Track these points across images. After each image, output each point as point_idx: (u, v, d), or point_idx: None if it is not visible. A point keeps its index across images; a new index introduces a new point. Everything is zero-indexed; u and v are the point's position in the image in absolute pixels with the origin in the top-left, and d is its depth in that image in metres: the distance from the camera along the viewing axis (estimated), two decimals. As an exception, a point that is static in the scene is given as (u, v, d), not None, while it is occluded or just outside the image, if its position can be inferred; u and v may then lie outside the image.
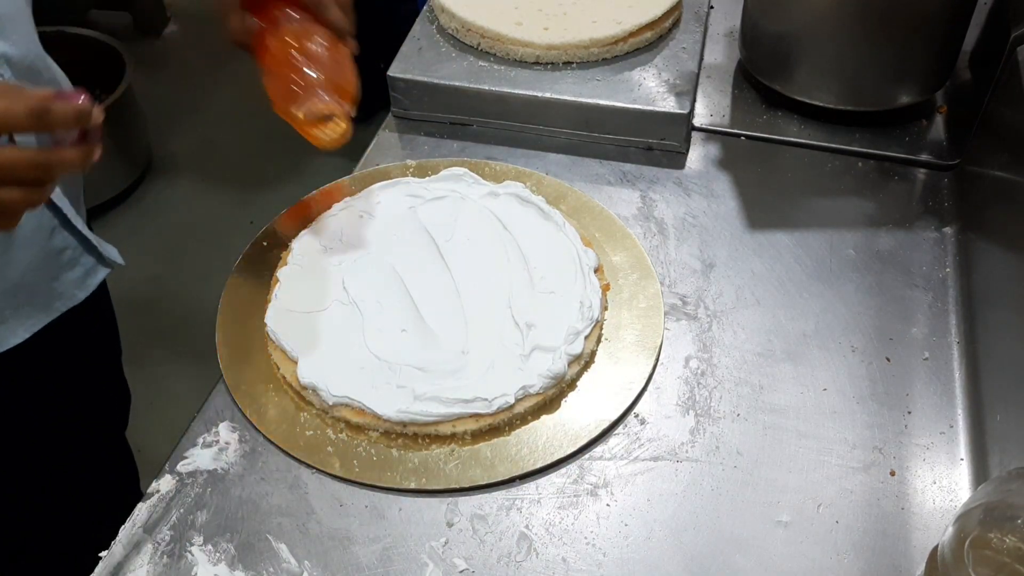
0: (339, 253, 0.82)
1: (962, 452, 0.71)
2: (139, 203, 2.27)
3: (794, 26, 0.95)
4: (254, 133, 2.47)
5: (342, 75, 0.76)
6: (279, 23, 0.76)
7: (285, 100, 0.76)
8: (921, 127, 0.99)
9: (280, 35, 0.76)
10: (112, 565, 0.64)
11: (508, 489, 0.69)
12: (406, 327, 0.76)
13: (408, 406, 0.70)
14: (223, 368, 0.76)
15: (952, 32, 0.94)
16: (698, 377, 0.76)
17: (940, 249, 0.86)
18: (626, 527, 0.67)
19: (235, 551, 0.65)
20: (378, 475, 0.69)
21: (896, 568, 0.64)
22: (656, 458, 0.70)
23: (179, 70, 2.70)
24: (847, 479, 0.69)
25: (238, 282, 0.82)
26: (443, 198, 0.87)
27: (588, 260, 0.81)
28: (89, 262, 0.87)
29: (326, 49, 0.76)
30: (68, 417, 0.96)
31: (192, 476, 0.69)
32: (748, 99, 1.03)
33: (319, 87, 0.75)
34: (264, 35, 0.77)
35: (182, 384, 1.78)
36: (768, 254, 0.86)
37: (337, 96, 0.75)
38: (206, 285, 1.18)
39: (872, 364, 0.77)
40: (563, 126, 0.98)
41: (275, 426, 0.72)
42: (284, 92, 0.76)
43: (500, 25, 0.99)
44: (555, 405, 0.73)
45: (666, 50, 1.02)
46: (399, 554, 0.65)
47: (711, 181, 0.94)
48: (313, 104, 0.75)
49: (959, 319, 0.80)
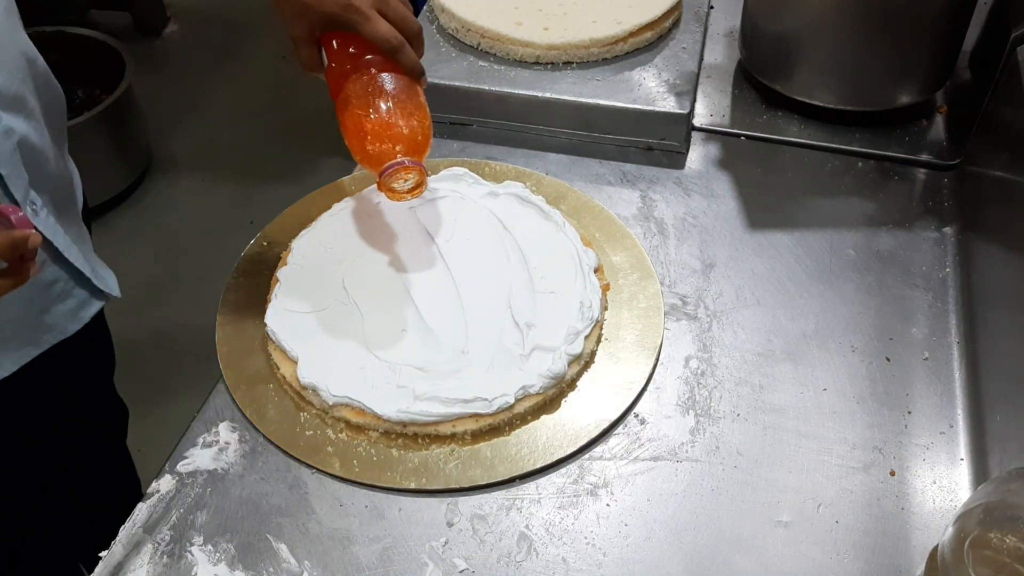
0: (339, 253, 0.82)
1: (962, 452, 0.71)
2: (139, 203, 2.27)
3: (794, 26, 0.95)
4: (254, 133, 2.47)
5: (417, 126, 0.74)
6: (352, 64, 0.74)
7: (362, 152, 0.74)
8: (921, 127, 0.99)
9: (355, 82, 0.74)
10: (112, 565, 0.64)
11: (508, 489, 0.69)
12: (406, 327, 0.76)
13: (408, 406, 0.70)
14: (223, 368, 0.76)
15: (952, 32, 0.94)
16: (698, 377, 0.76)
17: (940, 249, 0.86)
18: (626, 527, 0.67)
19: (235, 551, 0.65)
20: (378, 475, 0.69)
21: (896, 568, 0.64)
22: (656, 458, 0.70)
23: (179, 70, 2.70)
24: (847, 479, 0.69)
25: (238, 282, 0.82)
26: (443, 198, 0.87)
27: (588, 260, 0.81)
28: (82, 295, 0.85)
29: (400, 95, 0.74)
30: (65, 436, 0.96)
31: (192, 476, 0.69)
32: (748, 99, 1.03)
33: (395, 143, 0.73)
34: (338, 73, 0.75)
35: (182, 384, 1.78)
36: (768, 254, 0.86)
37: (412, 150, 0.73)
38: (206, 285, 1.18)
39: (872, 364, 0.77)
40: (563, 126, 0.98)
41: (275, 426, 0.72)
42: (360, 144, 0.74)
43: (500, 25, 1.00)
44: (555, 405, 0.73)
45: (666, 50, 1.02)
46: (399, 554, 0.65)
47: (711, 181, 0.94)
48: (392, 175, 0.73)
49: (959, 319, 0.80)
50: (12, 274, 0.61)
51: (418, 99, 0.75)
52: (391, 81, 0.74)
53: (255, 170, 2.35)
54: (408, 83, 0.75)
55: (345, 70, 0.75)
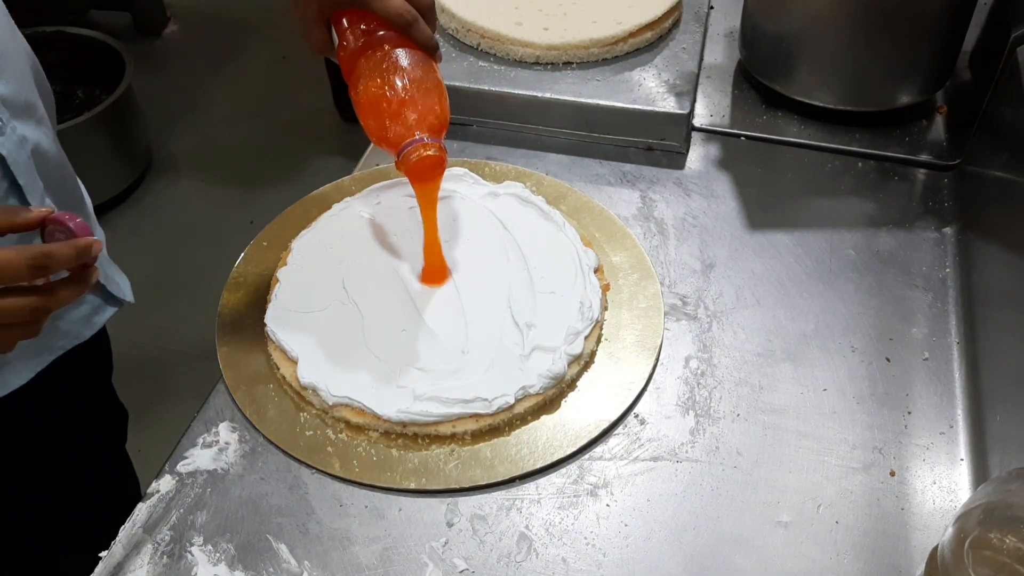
0: (339, 253, 0.82)
1: (962, 452, 0.71)
2: (139, 203, 2.28)
3: (794, 26, 0.95)
4: (254, 133, 2.47)
5: (435, 102, 0.71)
6: (365, 41, 0.72)
7: (379, 130, 0.71)
8: (921, 127, 0.99)
9: (369, 58, 0.71)
10: (112, 565, 0.64)
11: (508, 489, 0.69)
12: (406, 327, 0.76)
13: (408, 406, 0.70)
14: (223, 368, 0.76)
15: (952, 32, 0.94)
16: (698, 377, 0.76)
17: (940, 249, 0.86)
18: (626, 527, 0.67)
19: (235, 551, 0.65)
20: (378, 475, 0.69)
21: (896, 568, 0.64)
22: (656, 458, 0.70)
23: (179, 70, 2.70)
24: (847, 479, 0.69)
25: (238, 283, 0.82)
26: (443, 198, 0.87)
27: (588, 260, 0.81)
28: (96, 300, 0.86)
29: (416, 71, 0.71)
30: (65, 436, 0.96)
31: (192, 476, 0.69)
32: (748, 99, 1.03)
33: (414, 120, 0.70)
34: (350, 52, 0.72)
35: (182, 384, 1.79)
36: (768, 254, 0.86)
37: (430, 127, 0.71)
38: (206, 285, 1.18)
39: (872, 364, 0.77)
40: (563, 126, 0.98)
41: (275, 426, 0.72)
42: (377, 122, 0.71)
43: (500, 25, 1.00)
44: (555, 405, 0.73)
45: (666, 50, 1.02)
46: (399, 554, 0.65)
47: (711, 181, 0.94)
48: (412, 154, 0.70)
49: (959, 319, 0.80)
50: (76, 281, 0.61)
51: (435, 75, 0.73)
52: (406, 56, 0.71)
53: (255, 170, 2.35)
54: (423, 58, 0.72)
55: (358, 48, 0.72)
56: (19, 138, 0.71)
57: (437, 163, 0.71)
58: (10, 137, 0.71)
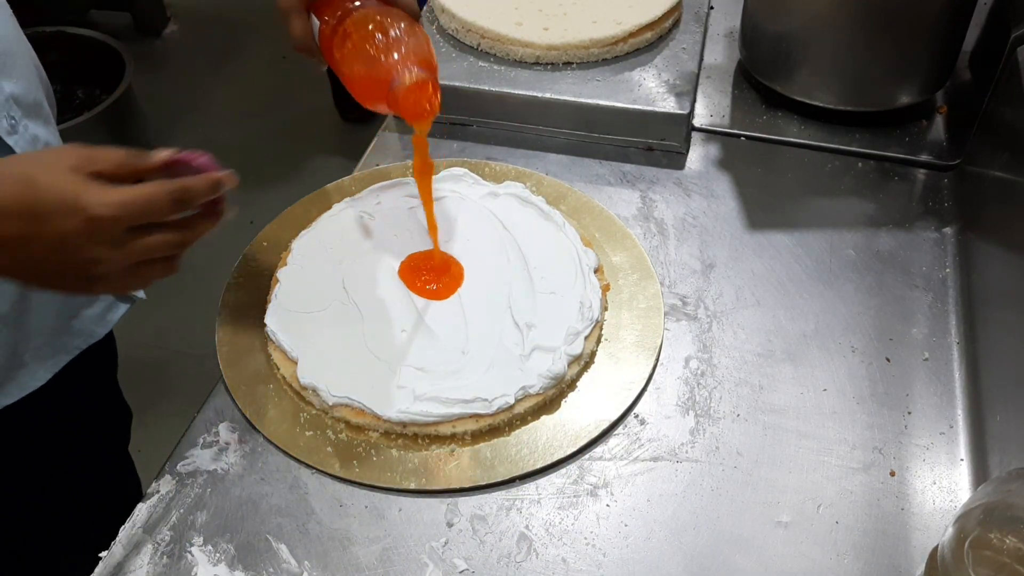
0: (339, 253, 0.82)
1: (962, 452, 0.71)
2: (139, 203, 2.27)
3: (794, 26, 0.95)
4: (254, 133, 2.47)
5: (423, 44, 0.71)
6: (349, 12, 0.72)
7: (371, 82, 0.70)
8: (921, 127, 0.99)
9: (354, 19, 0.71)
10: (112, 565, 0.64)
11: (508, 489, 0.69)
12: (406, 327, 0.76)
13: (408, 406, 0.70)
14: (223, 368, 0.76)
15: (952, 32, 0.94)
16: (698, 377, 0.76)
17: (940, 249, 0.86)
18: (626, 527, 0.67)
19: (235, 551, 0.65)
20: (378, 475, 0.69)
21: (896, 568, 0.64)
22: (656, 458, 0.70)
23: (179, 70, 2.70)
24: (847, 479, 0.69)
25: (238, 282, 0.82)
26: (443, 198, 0.87)
27: (588, 260, 0.81)
28: (108, 298, 0.86)
29: (401, 22, 0.71)
30: (67, 436, 0.96)
31: (192, 476, 0.69)
32: (748, 99, 1.03)
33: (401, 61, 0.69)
34: (335, 30, 0.72)
35: (182, 384, 1.78)
36: (768, 254, 0.86)
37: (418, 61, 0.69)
38: (206, 285, 1.18)
39: (872, 364, 0.77)
40: (563, 126, 0.97)
41: (275, 426, 0.72)
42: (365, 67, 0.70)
43: (500, 25, 0.99)
44: (555, 405, 0.73)
45: (666, 50, 1.02)
46: (399, 554, 0.65)
47: (711, 181, 0.94)
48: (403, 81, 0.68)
49: (959, 319, 0.80)
50: (209, 215, 0.62)
51: (421, 29, 0.72)
52: (390, 12, 0.72)
53: (255, 170, 2.35)
54: (406, 17, 0.72)
55: (338, 20, 0.72)
56: (31, 137, 0.71)
57: (431, 90, 0.69)
58: (23, 136, 0.71)
